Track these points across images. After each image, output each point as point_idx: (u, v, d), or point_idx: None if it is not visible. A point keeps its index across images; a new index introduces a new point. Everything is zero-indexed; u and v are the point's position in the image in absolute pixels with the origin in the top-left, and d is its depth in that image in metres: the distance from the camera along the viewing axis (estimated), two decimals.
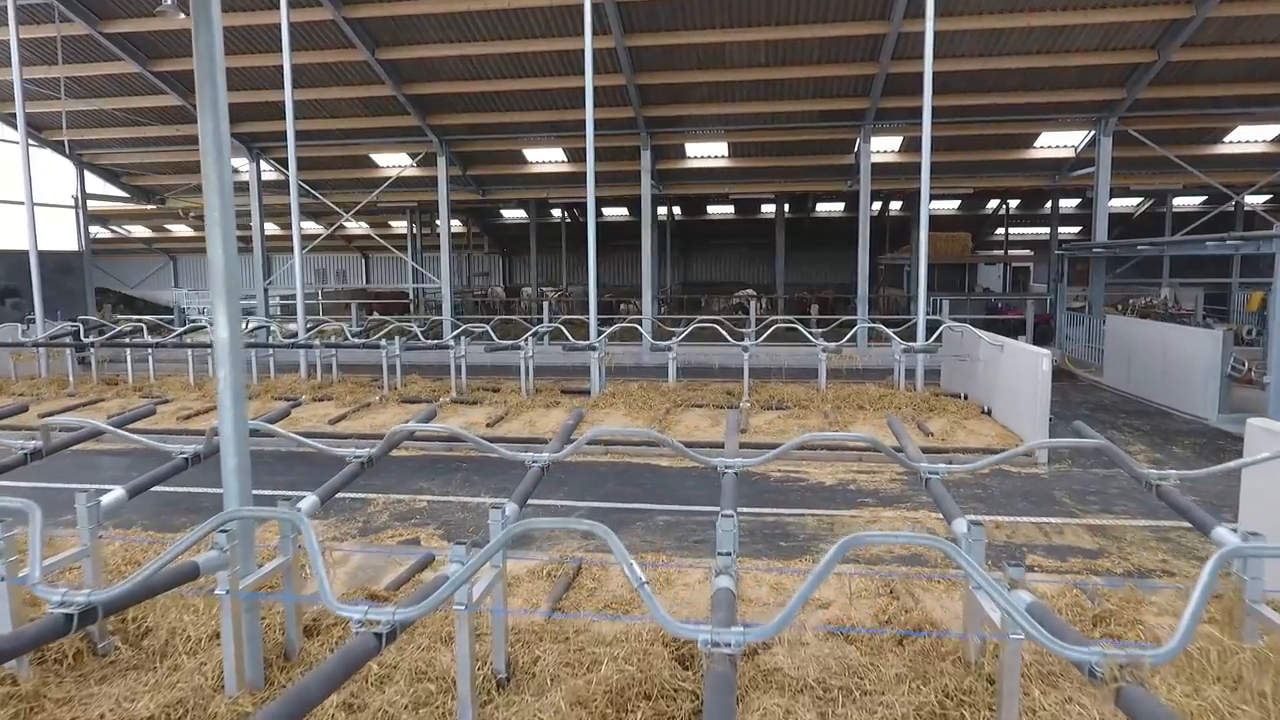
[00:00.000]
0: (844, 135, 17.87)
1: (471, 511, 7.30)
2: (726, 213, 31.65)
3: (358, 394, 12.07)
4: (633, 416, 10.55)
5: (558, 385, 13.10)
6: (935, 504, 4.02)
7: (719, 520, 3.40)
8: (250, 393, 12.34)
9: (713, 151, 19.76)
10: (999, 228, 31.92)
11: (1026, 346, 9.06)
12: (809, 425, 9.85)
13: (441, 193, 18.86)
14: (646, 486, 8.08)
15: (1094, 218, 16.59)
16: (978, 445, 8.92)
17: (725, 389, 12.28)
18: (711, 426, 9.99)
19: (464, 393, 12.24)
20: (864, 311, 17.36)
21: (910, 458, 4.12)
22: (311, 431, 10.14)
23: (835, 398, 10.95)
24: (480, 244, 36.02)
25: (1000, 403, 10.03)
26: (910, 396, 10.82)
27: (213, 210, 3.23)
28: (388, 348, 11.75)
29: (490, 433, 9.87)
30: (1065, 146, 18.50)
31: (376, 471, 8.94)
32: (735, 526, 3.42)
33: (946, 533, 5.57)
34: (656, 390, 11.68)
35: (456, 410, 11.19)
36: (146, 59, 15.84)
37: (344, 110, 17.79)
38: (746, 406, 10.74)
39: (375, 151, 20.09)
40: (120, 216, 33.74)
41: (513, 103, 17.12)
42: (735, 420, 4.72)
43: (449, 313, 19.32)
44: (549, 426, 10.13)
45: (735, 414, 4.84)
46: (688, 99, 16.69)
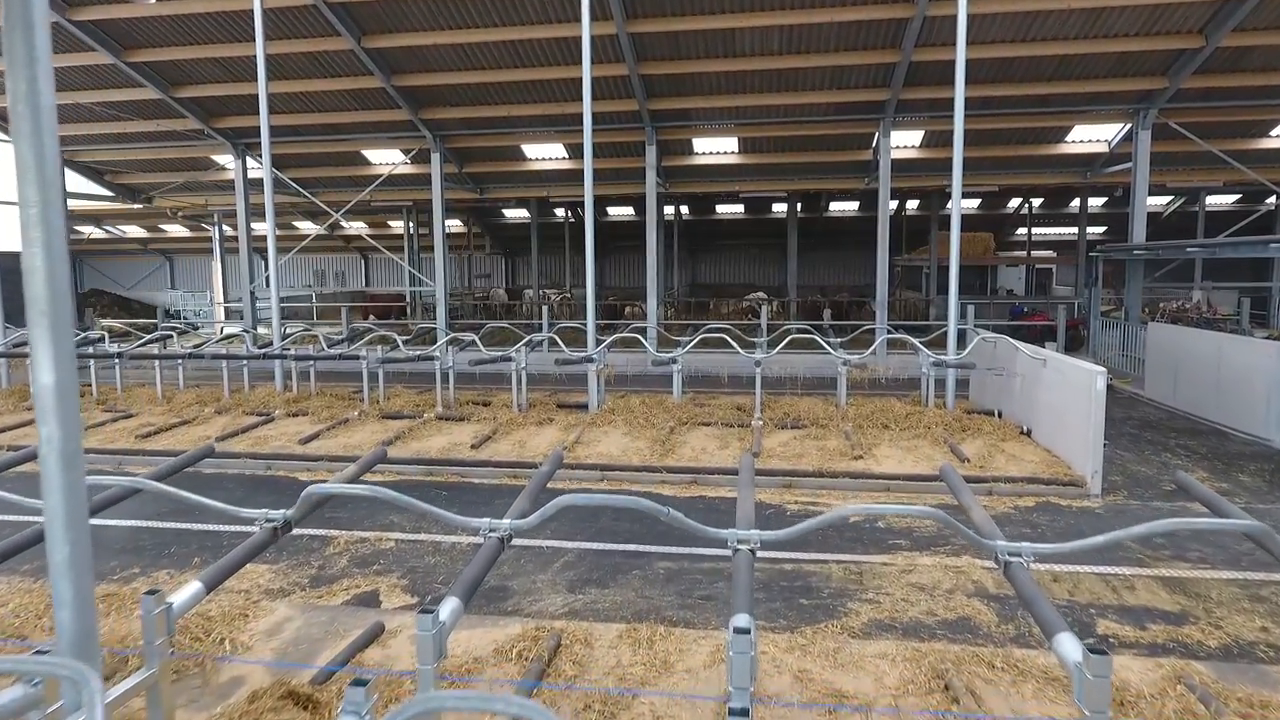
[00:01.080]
0: (862, 129, 16.91)
1: (444, 555, 6.40)
2: (736, 212, 30.70)
3: (336, 409, 11.21)
4: (634, 436, 9.64)
5: (554, 398, 12.20)
6: (1023, 602, 3.06)
7: (730, 637, 2.47)
8: (220, 407, 11.49)
9: (722, 147, 18.83)
10: (1020, 228, 30.85)
11: (1077, 363, 8.09)
12: (828, 448, 8.91)
13: (435, 191, 18.01)
14: (646, 522, 7.15)
15: (1131, 217, 15.56)
16: (1021, 474, 7.96)
17: (735, 404, 11.36)
18: (720, 449, 9.06)
19: (451, 407, 11.37)
20: (883, 317, 16.39)
21: (981, 532, 3.19)
22: (278, 452, 9.30)
23: (856, 415, 10.01)
24: (482, 244, 35.20)
25: (1042, 423, 9.06)
26: (940, 415, 9.85)
27: (29, 208, 2.31)
28: (367, 358, 10.87)
29: (475, 455, 8.97)
30: (1098, 141, 17.47)
31: (342, 503, 8.12)
32: (753, 645, 2.49)
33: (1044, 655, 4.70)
34: (660, 405, 10.76)
35: (440, 428, 10.30)
36: (121, 49, 15.04)
37: (331, 104, 16.95)
38: (759, 425, 9.80)
39: (367, 148, 19.27)
40: (114, 217, 33.03)
41: (509, 95, 16.25)
42: (749, 470, 3.79)
43: (444, 318, 18.47)
44: (540, 447, 9.22)
45: (749, 459, 3.92)
46: (695, 90, 15.77)
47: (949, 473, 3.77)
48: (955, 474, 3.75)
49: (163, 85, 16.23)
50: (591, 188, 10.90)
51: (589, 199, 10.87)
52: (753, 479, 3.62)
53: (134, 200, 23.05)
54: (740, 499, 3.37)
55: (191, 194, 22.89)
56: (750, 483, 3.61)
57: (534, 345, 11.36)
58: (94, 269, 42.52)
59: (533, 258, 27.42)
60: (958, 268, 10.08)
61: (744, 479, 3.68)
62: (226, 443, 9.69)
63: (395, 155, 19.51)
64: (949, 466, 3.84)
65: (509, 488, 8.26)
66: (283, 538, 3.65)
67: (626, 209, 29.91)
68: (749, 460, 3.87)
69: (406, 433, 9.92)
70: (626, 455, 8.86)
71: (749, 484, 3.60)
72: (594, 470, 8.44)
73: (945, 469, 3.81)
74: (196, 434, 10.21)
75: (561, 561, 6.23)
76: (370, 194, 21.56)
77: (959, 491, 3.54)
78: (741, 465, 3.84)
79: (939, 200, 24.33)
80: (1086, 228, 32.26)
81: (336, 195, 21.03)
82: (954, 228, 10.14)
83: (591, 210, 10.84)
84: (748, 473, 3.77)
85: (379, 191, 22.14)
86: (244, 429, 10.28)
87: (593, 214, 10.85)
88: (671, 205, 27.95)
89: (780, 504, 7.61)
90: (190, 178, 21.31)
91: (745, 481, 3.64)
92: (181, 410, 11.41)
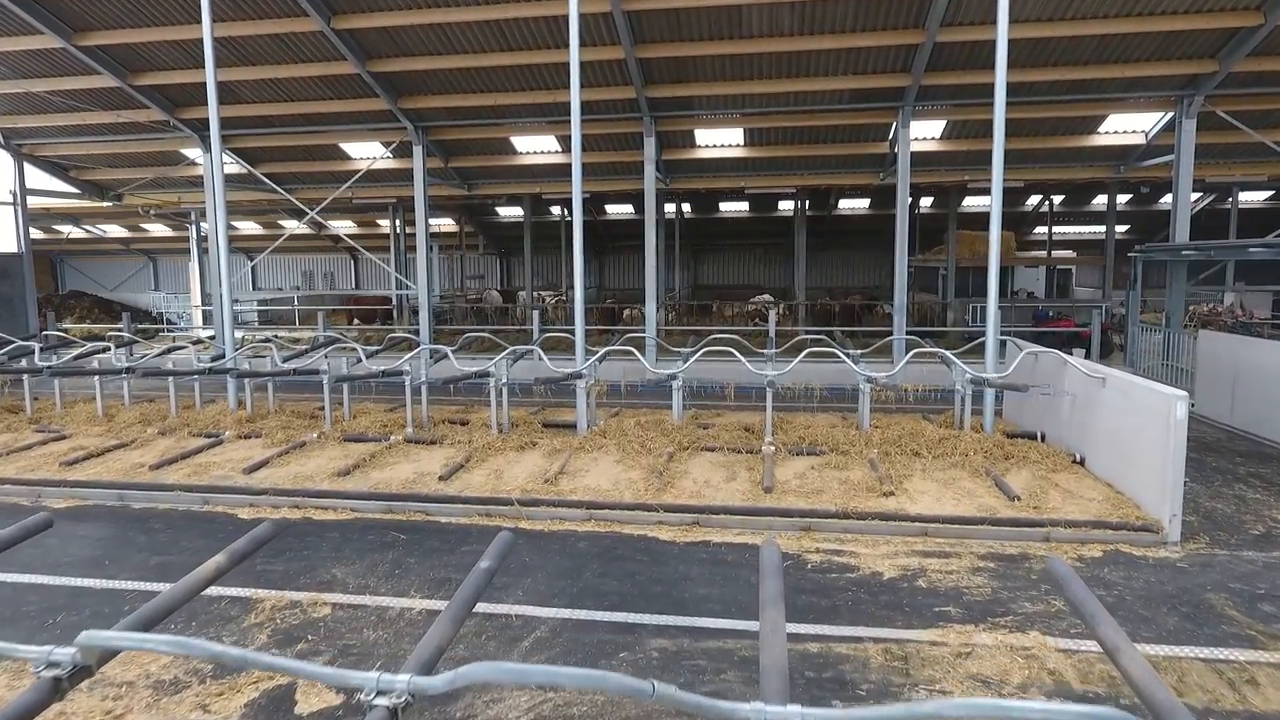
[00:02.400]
0: (879, 119, 15.75)
1: (388, 627, 5.25)
2: (740, 210, 29.53)
3: (294, 429, 10.08)
4: (627, 464, 8.49)
5: (540, 415, 11.07)
6: None
7: None
8: (165, 427, 10.36)
9: (726, 139, 17.68)
10: (1039, 226, 29.65)
11: (1150, 384, 6.94)
12: (852, 480, 7.76)
13: (418, 186, 16.88)
14: (639, 578, 6.02)
15: (1174, 215, 14.40)
16: (1084, 516, 6.80)
17: (742, 423, 10.22)
18: (726, 481, 7.91)
19: (424, 427, 10.23)
20: (902, 323, 15.23)
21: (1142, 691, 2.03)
22: (217, 484, 8.17)
23: (882, 440, 8.85)
24: (475, 244, 34.06)
25: (1100, 451, 7.90)
26: (978, 440, 8.70)
27: None
28: (325, 373, 9.72)
29: (442, 489, 7.83)
30: (1135, 132, 16.31)
31: (281, 550, 6.98)
32: None
33: None
34: (658, 427, 9.61)
35: (408, 453, 9.16)
36: (71, 31, 13.92)
37: (304, 92, 15.83)
38: (770, 451, 8.65)
39: (345, 140, 18.15)
40: (92, 215, 31.96)
41: (496, 81, 15.11)
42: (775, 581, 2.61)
43: (428, 323, 17.34)
44: (519, 478, 8.08)
45: (771, 553, 2.75)
46: (697, 76, 14.62)
47: (1058, 570, 2.61)
48: (1069, 573, 2.59)
49: (120, 72, 15.11)
50: (580, 181, 9.77)
51: (577, 196, 9.74)
52: (780, 593, 2.46)
53: (102, 198, 21.95)
54: (765, 645, 2.20)
55: (163, 191, 21.79)
56: (778, 599, 2.44)
57: (518, 356, 10.22)
58: (75, 270, 41.50)
59: (526, 258, 26.28)
60: (998, 270, 8.92)
61: (768, 595, 2.50)
62: (162, 471, 8.56)
63: (375, 148, 18.39)
64: (1059, 563, 2.68)
65: (480, 529, 7.13)
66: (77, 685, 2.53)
67: (625, 206, 28.77)
68: (773, 555, 2.71)
69: (369, 459, 8.79)
70: (618, 489, 7.72)
71: (776, 602, 2.43)
72: (579, 509, 7.30)
73: (1054, 565, 2.66)
74: (131, 459, 9.09)
75: (533, 638, 5.08)
76: (351, 190, 20.47)
77: (1095, 621, 2.37)
78: (763, 564, 2.67)
79: (957, 196, 23.14)
80: (1099, 226, 31.18)
81: (316, 192, 19.93)
82: (993, 227, 8.98)
83: (580, 208, 9.71)
84: (773, 582, 2.59)
85: (362, 188, 21.07)
86: (186, 454, 9.15)
87: (581, 212, 9.73)
88: (673, 203, 26.80)
89: (798, 553, 6.47)
90: (160, 173, 20.21)
91: (771, 595, 2.46)
92: (122, 431, 10.28)
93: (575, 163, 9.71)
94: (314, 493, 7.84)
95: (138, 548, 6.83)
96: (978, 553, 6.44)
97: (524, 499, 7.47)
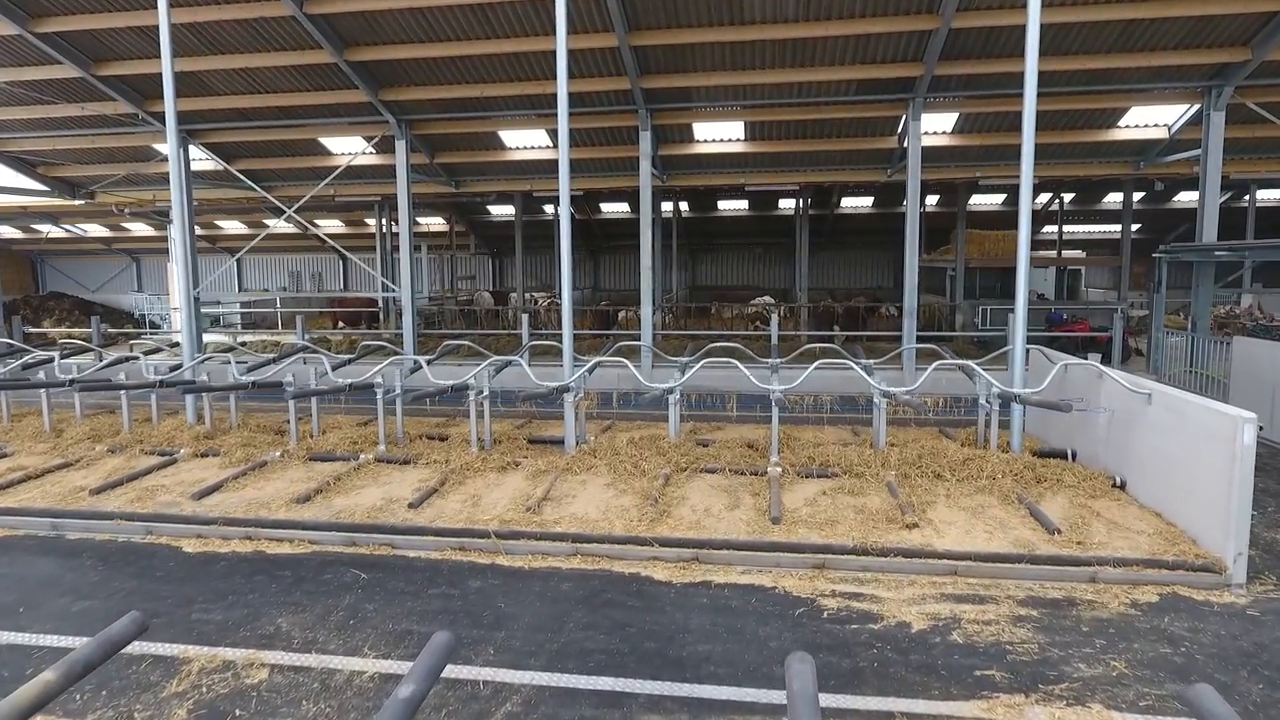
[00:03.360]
0: (887, 111, 14.99)
1: (333, 697, 4.48)
2: (740, 209, 28.77)
3: (256, 447, 9.29)
4: (619, 488, 7.72)
5: (525, 429, 10.30)
6: None
7: None
8: (117, 444, 9.57)
9: (726, 134, 16.91)
10: (1046, 225, 28.92)
11: (1209, 403, 6.18)
12: (869, 508, 7.00)
13: (401, 183, 16.08)
14: (630, 630, 5.25)
15: (1201, 212, 13.65)
16: (1135, 553, 6.04)
17: (745, 438, 9.46)
18: (728, 509, 7.14)
19: (400, 443, 9.46)
20: (912, 327, 14.47)
21: None
22: (162, 512, 7.39)
23: (899, 460, 8.08)
24: (466, 244, 33.24)
25: (1146, 475, 7.15)
26: (1007, 461, 7.94)
27: None
28: (292, 385, 8.93)
29: (412, 518, 7.06)
30: (1157, 125, 15.56)
31: (223, 593, 6.19)
32: None
33: None
34: (653, 445, 8.83)
35: (378, 475, 8.38)
36: (26, 16, 13.10)
37: (279, 83, 15.02)
38: (777, 473, 7.89)
39: (325, 135, 17.34)
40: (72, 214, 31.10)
41: (481, 72, 14.33)
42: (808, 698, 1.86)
43: (411, 326, 16.55)
44: (498, 505, 7.31)
45: (804, 670, 1.99)
46: (696, 66, 13.85)
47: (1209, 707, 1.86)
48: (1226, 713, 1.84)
49: (82, 61, 14.30)
50: (567, 177, 9.01)
51: (564, 192, 8.98)
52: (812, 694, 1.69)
53: (73, 195, 21.12)
54: None
55: (138, 188, 20.96)
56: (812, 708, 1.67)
57: (500, 367, 9.44)
58: (56, 270, 40.64)
59: (517, 259, 25.49)
60: (1026, 272, 8.14)
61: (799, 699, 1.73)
62: (104, 496, 7.78)
63: (357, 143, 17.59)
64: (1210, 695, 1.91)
65: (452, 567, 6.36)
66: None
67: (621, 205, 28.02)
68: (804, 677, 1.95)
69: (333, 482, 8.01)
70: (608, 518, 6.95)
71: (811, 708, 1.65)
72: (564, 542, 6.53)
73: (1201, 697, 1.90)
74: (73, 482, 8.31)
75: (503, 713, 4.31)
76: (333, 188, 19.70)
77: None
78: (792, 689, 1.91)
79: (965, 194, 22.40)
80: (1107, 225, 30.44)
81: (297, 189, 19.13)
82: (1022, 225, 8.20)
83: (567, 204, 8.95)
84: (801, 692, 1.84)
85: (345, 185, 20.28)
86: (133, 475, 8.36)
87: (569, 210, 8.96)
88: (670, 201, 26.02)
89: (812, 596, 5.71)
90: (132, 169, 19.38)
91: None
92: (69, 449, 9.50)
93: (562, 158, 8.96)
94: (268, 522, 7.07)
95: (61, 590, 6.05)
96: (1016, 596, 5.68)
97: (502, 530, 6.70)
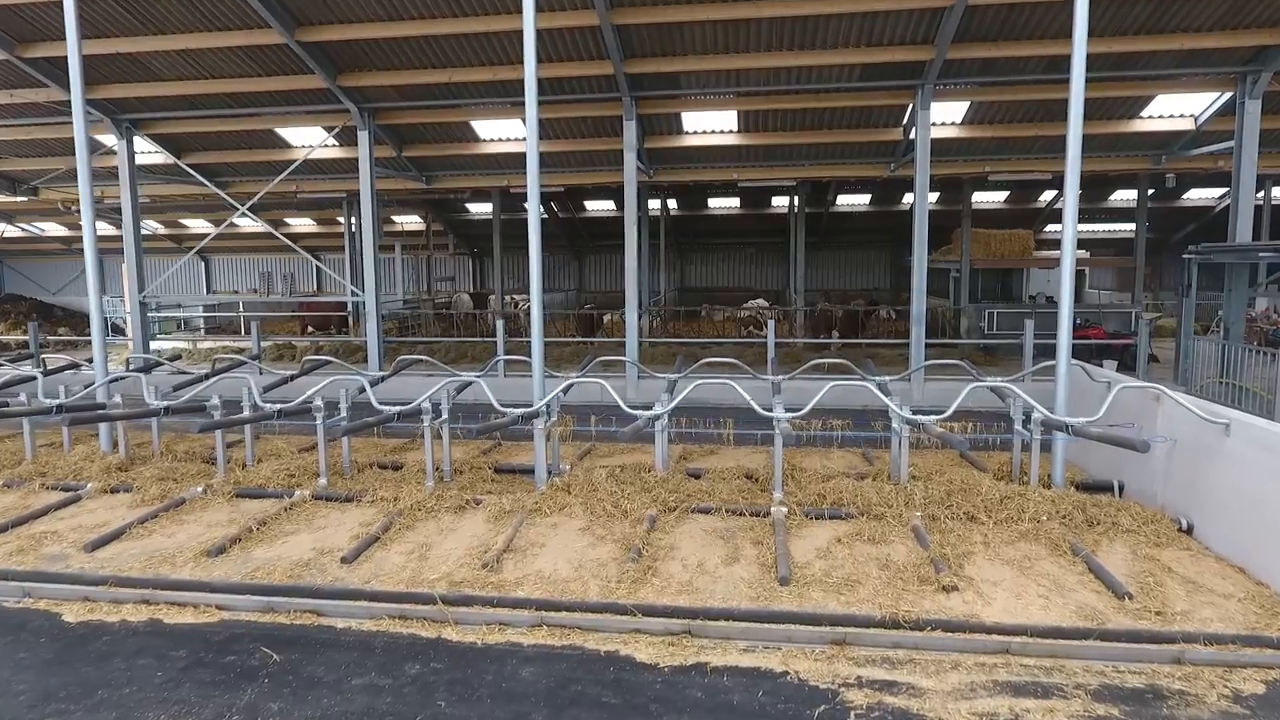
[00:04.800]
0: (893, 100, 13.93)
1: None
2: (731, 206, 27.69)
3: (174, 481, 8.07)
4: (595, 536, 6.57)
5: (491, 455, 9.12)
6: None
7: None
8: (14, 476, 8.32)
9: (718, 124, 15.79)
10: (1050, 224, 28.00)
11: None
12: (895, 562, 5.89)
13: (364, 177, 14.86)
14: None
15: (1235, 209, 12.68)
16: (1229, 629, 4.94)
17: (742, 468, 8.32)
18: (725, 563, 6.01)
19: (346, 473, 8.28)
20: (921, 335, 13.42)
21: None
22: (43, 570, 6.19)
23: (925, 498, 6.96)
24: (444, 243, 31.97)
25: (1223, 521, 6.07)
26: (1051, 500, 6.84)
27: None
28: (212, 412, 7.73)
29: (344, 577, 5.88)
30: (1183, 116, 14.58)
31: (91, 686, 4.94)
32: None
33: None
34: (637, 479, 7.68)
35: (313, 517, 7.20)
36: None
37: (226, 67, 13.77)
38: (782, 515, 6.76)
39: (281, 125, 16.09)
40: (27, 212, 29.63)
41: (450, 54, 13.15)
42: None
43: (376, 334, 15.35)
44: (451, 558, 6.15)
45: None
46: (685, 47, 12.73)
47: None
48: None
49: (5, 42, 13.01)
50: (536, 168, 7.88)
51: (533, 189, 7.84)
52: None
53: (14, 191, 19.76)
54: None
55: None
56: None
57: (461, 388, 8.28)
58: (15, 271, 39.13)
59: (495, 259, 24.30)
60: (1071, 279, 7.05)
61: None
62: None
63: (317, 134, 16.35)
64: None
65: (388, 644, 5.19)
66: None
67: (607, 203, 26.89)
68: None
69: (258, 528, 6.82)
70: (581, 577, 5.80)
71: None
72: (526, 609, 5.38)
73: None
74: None
75: None
76: (295, 183, 18.45)
77: None
78: None
79: (969, 191, 21.39)
80: (1108, 224, 29.53)
81: (256, 185, 17.85)
82: (1067, 224, 7.13)
83: (535, 199, 7.81)
84: None
85: (309, 181, 19.06)
86: (22, 519, 7.14)
87: (538, 206, 7.83)
88: (658, 199, 24.91)
89: (833, 687, 4.58)
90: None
91: None
92: None
93: (531, 147, 7.82)
94: (170, 583, 5.88)
95: None
96: (1089, 686, 4.57)
97: (452, 595, 5.54)
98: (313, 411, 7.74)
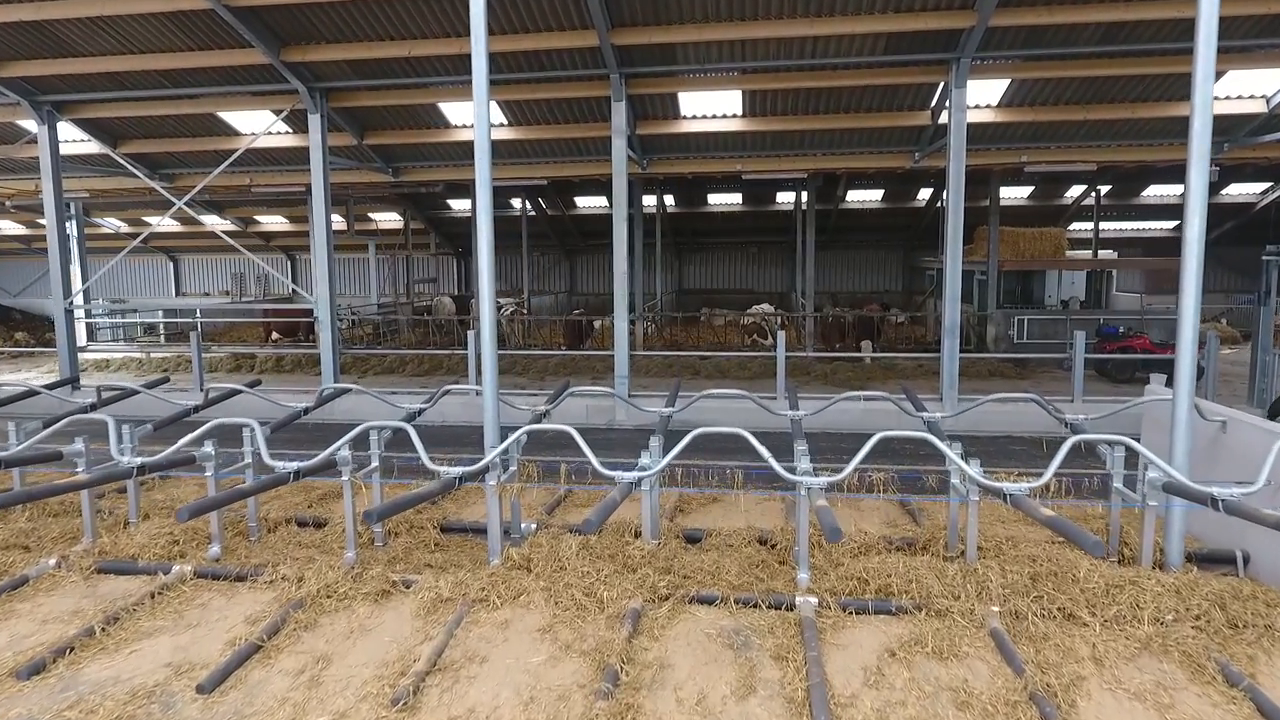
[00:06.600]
0: (921, 77, 12.26)
1: None
2: (733, 203, 26.01)
3: (28, 547, 6.38)
4: (559, 641, 4.88)
5: (439, 510, 7.41)
6: None
7: None
8: None
9: (720, 108, 14.12)
10: (1077, 222, 26.34)
11: None
12: (977, 694, 4.21)
13: (315, 166, 13.18)
14: None
15: None
16: None
17: (754, 531, 6.61)
18: (737, 698, 4.31)
19: (252, 535, 6.60)
20: (954, 348, 11.77)
21: None
22: None
23: (1001, 584, 5.26)
24: (425, 243, 30.21)
25: None
26: (1174, 588, 5.14)
27: None
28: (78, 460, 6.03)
29: (196, 718, 4.19)
30: (1255, 97, 12.91)
31: None
32: None
33: None
34: (618, 549, 5.99)
35: (193, 600, 5.51)
36: None
37: (152, 39, 12.08)
38: (810, 612, 5.07)
39: (224, 108, 14.38)
40: None
41: (407, 23, 11.47)
42: None
43: (331, 346, 13.67)
44: (351, 688, 4.45)
45: None
46: (681, 14, 11.07)
47: None
48: None
49: None
50: (487, 157, 6.18)
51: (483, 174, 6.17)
52: None
53: None
54: None
55: (15, 177, 17.94)
56: None
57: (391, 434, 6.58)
58: None
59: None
60: (1197, 287, 5.37)
61: None
62: None
63: (265, 118, 14.64)
64: None
65: None
66: None
67: (599, 199, 25.19)
68: None
69: (109, 626, 5.12)
70: (530, 718, 4.10)
71: None
72: None
73: None
74: None
75: None
76: (249, 176, 16.78)
77: None
78: None
79: (996, 185, 19.71)
80: (1117, 223, 27.70)
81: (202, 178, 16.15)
82: (1191, 221, 5.45)
83: (487, 194, 6.13)
84: None
85: (263, 173, 17.37)
86: None
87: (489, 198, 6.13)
88: (653, 195, 23.22)
89: None
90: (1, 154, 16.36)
91: None
92: None
93: (479, 126, 6.13)
94: None
95: None
96: None
97: None
98: (199, 462, 6.03)
